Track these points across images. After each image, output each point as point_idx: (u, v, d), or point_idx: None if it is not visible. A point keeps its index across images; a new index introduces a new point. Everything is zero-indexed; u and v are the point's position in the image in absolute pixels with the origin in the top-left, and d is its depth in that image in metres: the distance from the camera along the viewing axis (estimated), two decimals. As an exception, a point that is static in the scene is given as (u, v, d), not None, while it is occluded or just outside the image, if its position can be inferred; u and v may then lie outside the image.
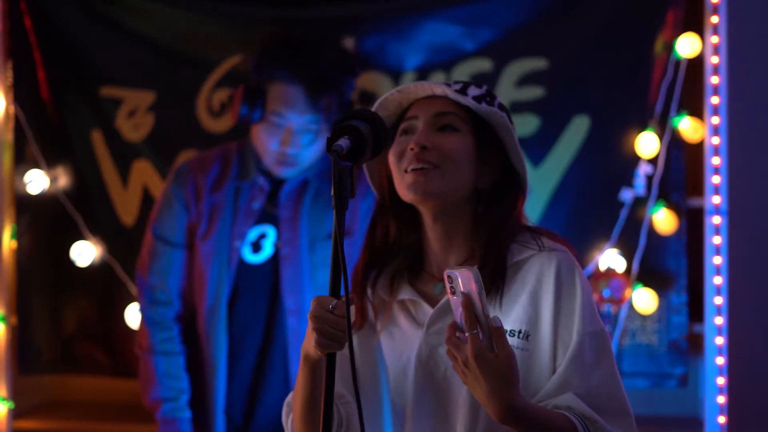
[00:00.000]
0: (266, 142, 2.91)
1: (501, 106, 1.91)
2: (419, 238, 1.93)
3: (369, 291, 1.95)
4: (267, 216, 2.97)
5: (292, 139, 2.88)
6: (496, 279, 1.82)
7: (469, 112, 1.87)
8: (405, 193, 1.86)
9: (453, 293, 1.66)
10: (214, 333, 2.95)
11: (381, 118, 1.73)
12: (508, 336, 1.76)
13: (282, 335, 2.94)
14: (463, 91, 1.89)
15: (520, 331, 1.79)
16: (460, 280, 1.63)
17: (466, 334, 1.63)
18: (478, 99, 1.88)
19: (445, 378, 1.83)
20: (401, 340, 1.90)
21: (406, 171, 1.85)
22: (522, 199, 1.90)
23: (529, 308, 1.80)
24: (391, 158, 1.89)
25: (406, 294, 1.91)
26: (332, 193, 1.64)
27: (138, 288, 3.06)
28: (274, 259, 2.95)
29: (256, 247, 2.97)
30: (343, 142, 1.65)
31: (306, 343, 1.77)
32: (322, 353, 1.71)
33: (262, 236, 2.97)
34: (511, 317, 1.81)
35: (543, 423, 1.68)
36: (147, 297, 3.01)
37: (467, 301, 1.62)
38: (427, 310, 1.88)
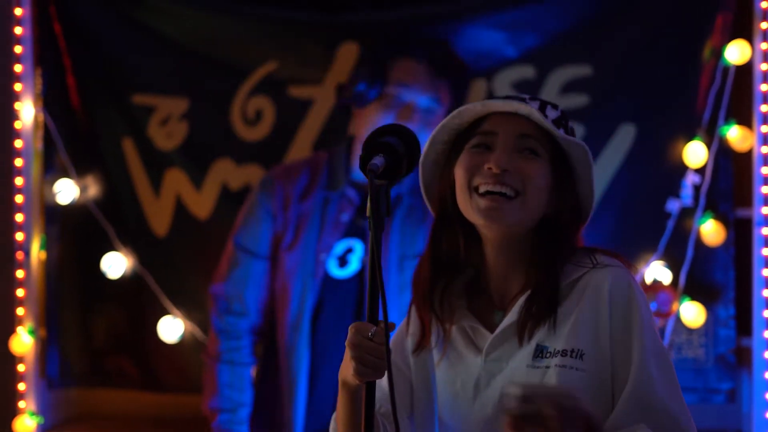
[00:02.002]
0: (379, 120, 2.81)
1: (572, 131, 1.85)
2: (480, 258, 1.87)
3: (437, 303, 1.88)
4: (355, 229, 2.90)
5: (412, 114, 2.82)
6: (550, 302, 1.76)
7: (548, 137, 1.79)
8: (475, 216, 1.79)
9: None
10: (296, 348, 2.88)
11: (413, 133, 1.68)
12: (560, 356, 1.73)
13: None
14: (542, 110, 1.81)
15: (573, 350, 1.74)
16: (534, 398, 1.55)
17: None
18: (556, 123, 1.80)
19: (503, 405, 1.77)
20: (458, 364, 1.85)
21: (476, 189, 1.77)
22: (583, 225, 1.85)
23: (583, 326, 1.74)
24: (460, 171, 1.81)
25: (465, 320, 1.85)
26: (368, 213, 1.59)
27: (212, 296, 3.00)
28: (361, 274, 2.88)
29: (343, 261, 2.90)
30: (378, 160, 1.60)
31: (344, 370, 1.73)
32: (361, 381, 1.66)
33: (349, 250, 2.90)
34: (564, 336, 1.75)
35: None
36: (220, 306, 2.96)
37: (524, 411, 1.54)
38: (486, 336, 1.82)
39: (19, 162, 3.40)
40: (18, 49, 3.39)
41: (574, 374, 1.72)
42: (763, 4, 3.14)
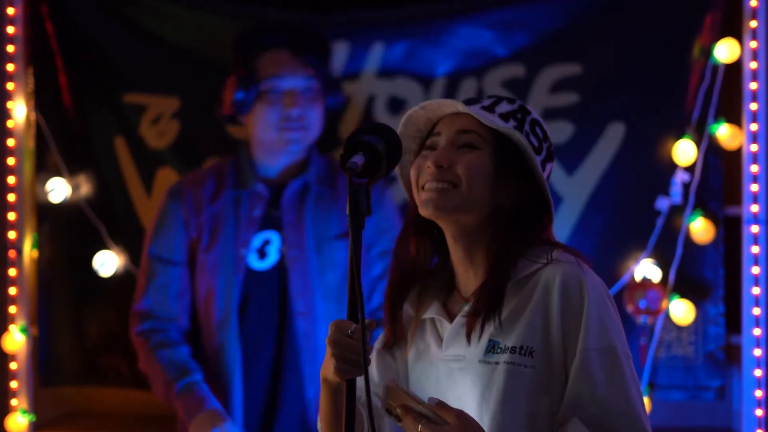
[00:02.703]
0: (269, 117, 2.90)
1: (534, 123, 1.85)
2: (447, 257, 1.90)
3: (406, 307, 1.92)
4: (270, 222, 2.96)
5: (294, 99, 2.89)
6: (494, 298, 1.77)
7: (491, 131, 1.82)
8: (420, 209, 1.83)
9: (398, 420, 1.68)
10: (226, 345, 2.92)
11: (394, 132, 1.70)
12: (509, 353, 1.74)
13: (293, 339, 2.91)
14: (491, 107, 1.84)
15: (522, 347, 1.74)
16: (391, 402, 1.66)
17: (419, 428, 1.63)
18: (505, 116, 1.83)
19: (460, 401, 1.79)
20: (426, 358, 1.88)
21: (423, 188, 1.82)
22: (548, 219, 1.83)
23: (534, 323, 1.74)
24: (412, 173, 1.85)
25: (431, 312, 1.88)
26: (348, 211, 1.60)
27: (133, 315, 3.01)
28: (281, 263, 2.93)
29: (262, 253, 2.95)
30: (358, 158, 1.61)
31: (325, 367, 1.75)
32: (341, 379, 1.68)
33: (267, 242, 2.95)
34: (513, 334, 1.75)
35: None
36: (144, 326, 2.99)
37: (403, 409, 1.64)
38: (449, 328, 1.84)
39: (11, 161, 3.41)
40: (10, 48, 3.40)
41: (522, 371, 1.73)
42: (752, 3, 3.15)
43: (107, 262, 3.40)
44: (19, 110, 3.41)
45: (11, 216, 3.40)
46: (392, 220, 2.97)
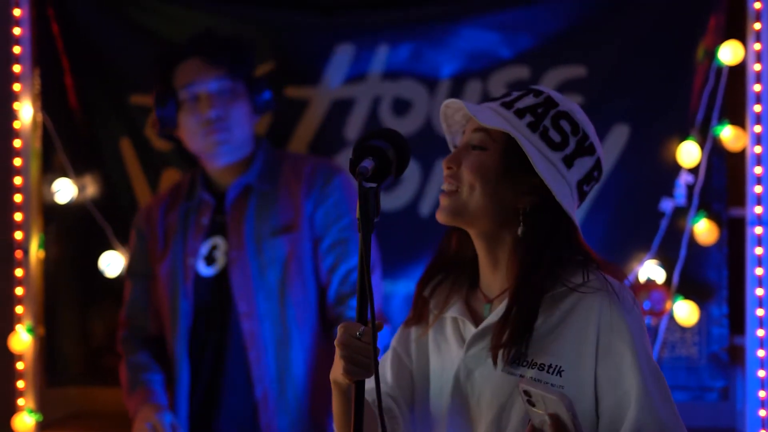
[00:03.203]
0: (191, 124, 2.95)
1: (559, 116, 1.80)
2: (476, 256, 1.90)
3: (428, 292, 1.92)
4: (217, 228, 3.01)
5: (209, 102, 2.92)
6: (529, 316, 1.75)
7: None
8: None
9: (533, 405, 1.63)
10: (176, 350, 2.98)
11: (403, 137, 1.71)
12: (536, 369, 1.74)
13: (239, 339, 2.94)
14: (512, 102, 1.82)
15: (551, 366, 1.74)
16: (546, 400, 1.60)
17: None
18: (523, 111, 1.80)
19: (478, 403, 1.81)
20: (446, 356, 1.88)
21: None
22: (567, 223, 1.78)
23: (565, 345, 1.74)
24: None
25: (454, 311, 1.88)
26: (357, 215, 1.62)
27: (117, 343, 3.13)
28: (225, 269, 2.97)
29: (210, 259, 3.00)
30: (368, 163, 1.63)
31: (334, 370, 1.76)
32: (350, 381, 1.68)
33: (214, 247, 3.00)
34: (542, 350, 1.75)
35: None
36: (121, 328, 3.13)
37: (555, 422, 1.60)
38: (471, 330, 1.84)
39: (17, 161, 3.42)
40: (16, 49, 3.42)
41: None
42: (756, 5, 3.15)
43: (113, 263, 3.41)
44: (26, 111, 3.43)
45: (18, 216, 3.42)
46: (342, 208, 2.97)
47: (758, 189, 3.18)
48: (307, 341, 2.95)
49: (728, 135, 3.19)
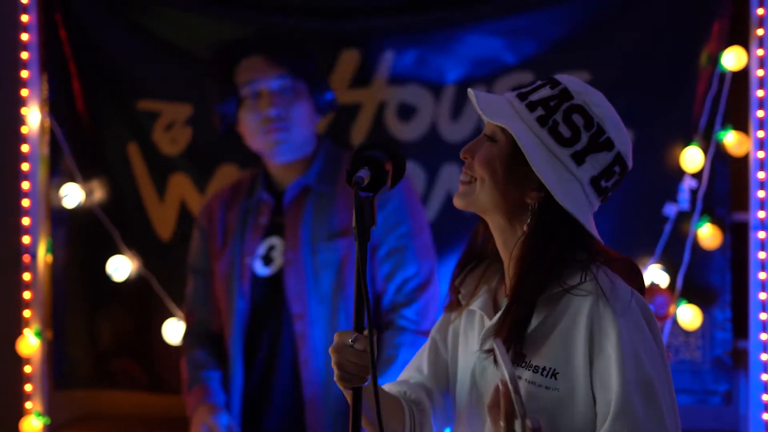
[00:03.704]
0: (251, 122, 2.95)
1: (572, 109, 1.75)
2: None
3: (459, 281, 1.92)
4: (275, 228, 3.00)
5: (270, 100, 2.92)
6: (523, 316, 1.74)
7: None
8: None
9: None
10: (232, 348, 2.98)
11: (399, 147, 1.73)
12: (531, 372, 1.73)
13: (291, 341, 2.95)
14: (527, 94, 1.79)
15: (545, 368, 1.73)
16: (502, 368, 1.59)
17: (501, 423, 1.58)
18: (535, 104, 1.76)
19: (486, 399, 1.80)
20: (469, 349, 1.88)
21: None
22: (573, 221, 1.75)
23: (559, 346, 1.73)
24: None
25: (478, 304, 1.87)
26: (353, 224, 1.64)
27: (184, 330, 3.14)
28: (282, 270, 2.98)
29: (267, 260, 3.00)
30: (363, 173, 1.65)
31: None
32: (344, 388, 1.71)
33: (272, 248, 3.00)
34: (538, 352, 1.74)
35: None
36: (186, 324, 3.13)
37: (505, 390, 1.57)
38: (487, 324, 1.84)
39: (25, 166, 3.44)
40: (24, 55, 3.44)
41: (542, 392, 1.72)
42: (759, 12, 3.17)
43: (120, 267, 3.43)
44: (34, 116, 3.45)
45: (26, 221, 3.44)
46: (401, 215, 2.96)
47: (761, 194, 3.19)
48: None
49: (731, 140, 3.20)
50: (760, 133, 3.19)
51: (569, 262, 1.76)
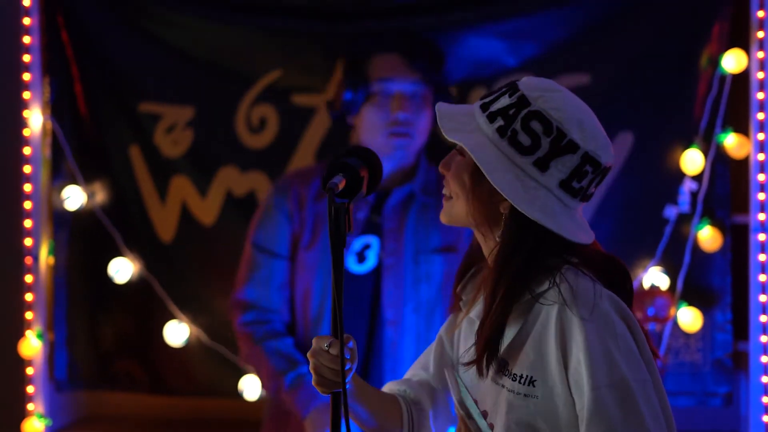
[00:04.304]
0: (376, 120, 2.91)
1: (530, 116, 1.70)
2: None
3: (460, 288, 1.92)
4: (372, 227, 2.97)
5: (402, 103, 2.89)
6: (493, 326, 1.73)
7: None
8: None
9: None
10: None
11: (375, 154, 1.74)
12: (510, 380, 1.72)
13: (380, 346, 2.93)
14: (490, 103, 1.76)
15: (522, 376, 1.72)
16: None
17: None
18: (495, 114, 1.73)
19: (482, 398, 1.82)
20: (467, 357, 1.87)
21: None
22: (540, 227, 1.71)
23: (533, 354, 1.72)
24: None
25: (474, 313, 1.87)
26: (329, 231, 1.66)
27: (235, 304, 3.02)
28: (377, 270, 2.95)
29: (361, 257, 2.97)
30: (338, 179, 1.67)
31: None
32: (322, 393, 1.74)
33: (367, 247, 2.97)
34: (518, 361, 1.73)
35: None
36: (246, 317, 2.98)
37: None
38: None
39: (27, 169, 3.45)
40: (26, 58, 3.45)
41: (522, 400, 1.71)
42: (759, 14, 3.18)
43: (122, 269, 3.44)
44: (36, 119, 3.46)
45: (28, 223, 3.45)
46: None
47: (761, 196, 3.20)
48: None
49: (732, 142, 3.21)
50: (761, 136, 3.19)
51: (539, 269, 1.74)
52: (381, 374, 2.93)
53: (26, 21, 3.45)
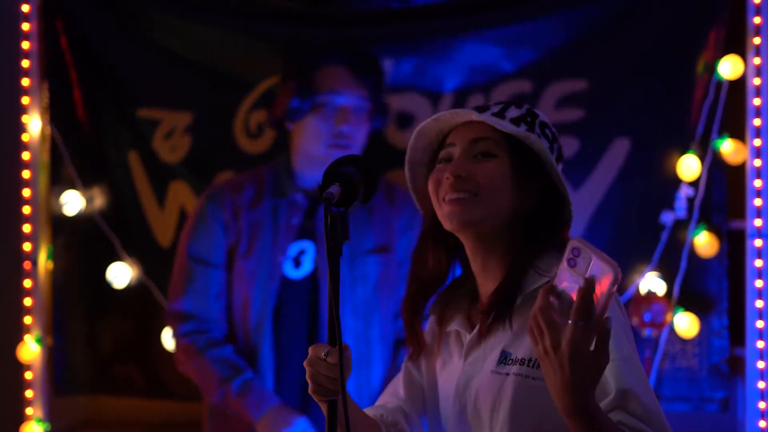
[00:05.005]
0: (319, 130, 2.95)
1: (543, 125, 1.87)
2: (470, 267, 1.92)
3: (431, 319, 1.96)
4: (306, 232, 3.00)
5: (347, 116, 2.93)
6: (504, 304, 1.80)
7: (506, 136, 1.84)
8: (446, 224, 1.86)
9: (572, 266, 1.52)
10: (260, 348, 2.96)
11: (371, 162, 1.76)
12: (518, 365, 1.76)
13: None
14: (501, 113, 1.86)
15: (530, 360, 1.75)
16: (591, 261, 1.50)
17: (569, 321, 1.51)
18: (516, 120, 1.85)
19: (474, 409, 1.83)
20: (450, 369, 1.91)
21: (444, 200, 1.84)
22: (564, 223, 1.84)
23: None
24: (430, 186, 1.87)
25: (455, 325, 1.91)
26: (326, 239, 1.67)
27: (170, 314, 3.05)
28: (314, 274, 2.98)
29: (297, 262, 3.00)
30: (334, 189, 1.68)
31: None
32: (318, 401, 1.74)
33: (302, 252, 3.00)
34: (523, 346, 1.77)
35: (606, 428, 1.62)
36: (183, 328, 3.02)
37: (587, 288, 1.49)
38: (469, 338, 1.87)
39: (26, 174, 3.47)
40: (25, 63, 3.46)
41: (530, 384, 1.74)
42: (756, 20, 3.18)
43: (120, 274, 3.45)
44: (35, 124, 3.48)
45: (26, 228, 3.47)
46: (414, 220, 3.00)
47: (758, 202, 3.20)
48: (389, 359, 3.00)
49: (728, 148, 3.21)
50: (757, 142, 3.20)
51: (548, 259, 1.82)
52: None
53: (25, 26, 3.46)
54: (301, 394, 2.98)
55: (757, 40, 3.19)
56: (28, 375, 3.47)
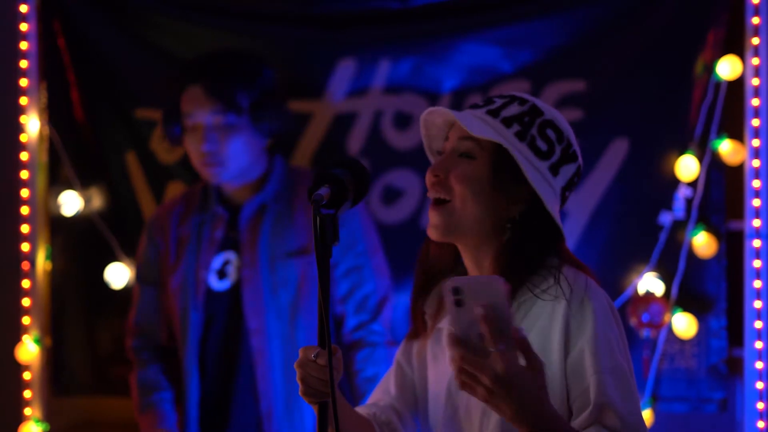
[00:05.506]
0: (191, 151, 3.00)
1: (545, 124, 1.81)
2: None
3: (421, 303, 1.95)
4: (230, 243, 3.03)
5: (203, 135, 2.93)
6: None
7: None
8: (428, 233, 1.86)
9: (459, 305, 1.56)
10: (186, 363, 3.01)
11: (362, 165, 1.75)
12: None
13: (248, 355, 2.97)
14: (498, 110, 1.83)
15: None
16: (474, 290, 1.54)
17: (491, 350, 1.55)
18: (509, 120, 1.80)
19: (466, 413, 1.82)
20: (441, 366, 1.91)
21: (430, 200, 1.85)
22: (553, 228, 1.81)
23: (537, 345, 1.72)
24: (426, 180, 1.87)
25: (444, 323, 1.90)
26: (315, 242, 1.66)
27: (125, 330, 3.17)
28: (237, 285, 3.00)
29: (222, 274, 3.03)
30: (323, 190, 1.67)
31: None
32: (310, 403, 1.74)
33: (227, 263, 3.03)
34: None
35: None
36: (130, 335, 3.15)
37: (487, 315, 1.53)
38: None
39: (24, 174, 3.47)
40: (23, 63, 3.46)
41: None
42: (754, 21, 3.17)
43: (118, 275, 3.45)
44: (33, 125, 3.47)
45: (25, 228, 3.46)
46: (357, 234, 3.01)
47: (756, 202, 3.20)
48: None
49: (727, 149, 3.21)
50: (756, 142, 3.19)
51: (540, 268, 1.81)
52: (253, 382, 2.96)
53: (23, 27, 3.46)
54: (221, 404, 3.01)
55: (755, 41, 3.18)
56: (27, 375, 3.46)
